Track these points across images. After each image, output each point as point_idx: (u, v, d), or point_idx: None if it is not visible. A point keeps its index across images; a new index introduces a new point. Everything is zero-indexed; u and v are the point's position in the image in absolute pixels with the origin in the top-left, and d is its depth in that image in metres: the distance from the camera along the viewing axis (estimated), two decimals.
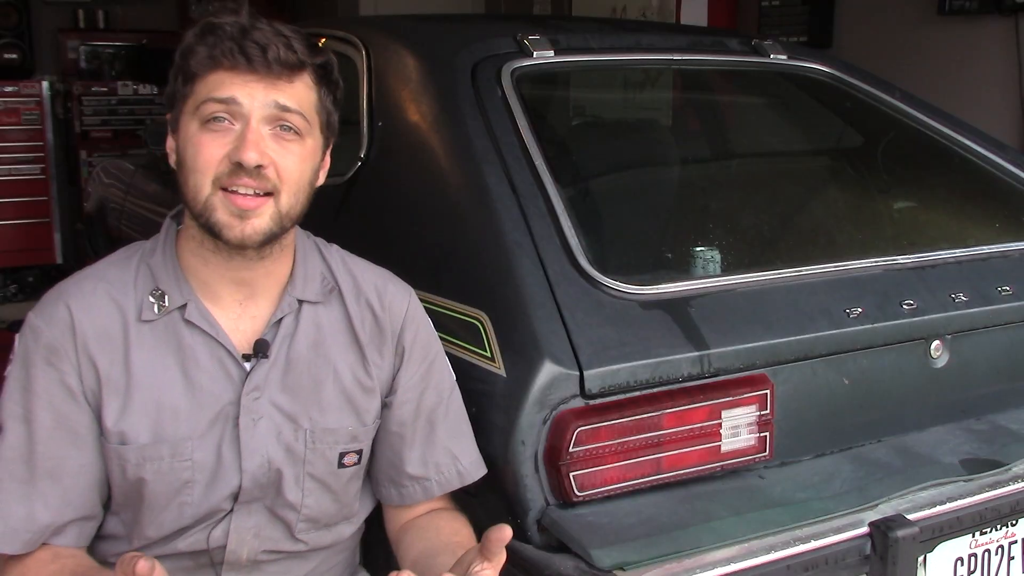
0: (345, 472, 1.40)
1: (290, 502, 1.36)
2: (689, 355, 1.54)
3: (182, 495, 1.30)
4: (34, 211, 5.95)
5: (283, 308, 1.35)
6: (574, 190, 1.90)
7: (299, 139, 1.27)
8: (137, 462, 1.28)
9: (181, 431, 1.29)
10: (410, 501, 1.44)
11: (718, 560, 1.43)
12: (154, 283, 1.32)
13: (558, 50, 2.04)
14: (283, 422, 1.34)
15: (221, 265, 1.31)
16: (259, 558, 1.37)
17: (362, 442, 1.40)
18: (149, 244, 1.37)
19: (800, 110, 2.71)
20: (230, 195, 1.23)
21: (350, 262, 1.45)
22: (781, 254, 2.00)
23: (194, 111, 1.24)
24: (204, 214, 1.24)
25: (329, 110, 1.33)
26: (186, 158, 1.25)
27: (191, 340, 1.31)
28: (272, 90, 1.23)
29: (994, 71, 3.80)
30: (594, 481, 1.48)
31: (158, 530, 1.32)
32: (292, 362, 1.35)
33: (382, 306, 1.41)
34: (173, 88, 1.29)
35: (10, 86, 5.86)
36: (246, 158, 1.21)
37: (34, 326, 1.29)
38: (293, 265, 1.38)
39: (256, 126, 1.23)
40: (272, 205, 1.25)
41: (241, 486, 1.32)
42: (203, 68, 1.24)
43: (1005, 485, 1.68)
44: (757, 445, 1.61)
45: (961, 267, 1.90)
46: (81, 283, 1.32)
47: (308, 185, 1.31)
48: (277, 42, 1.23)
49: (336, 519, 1.43)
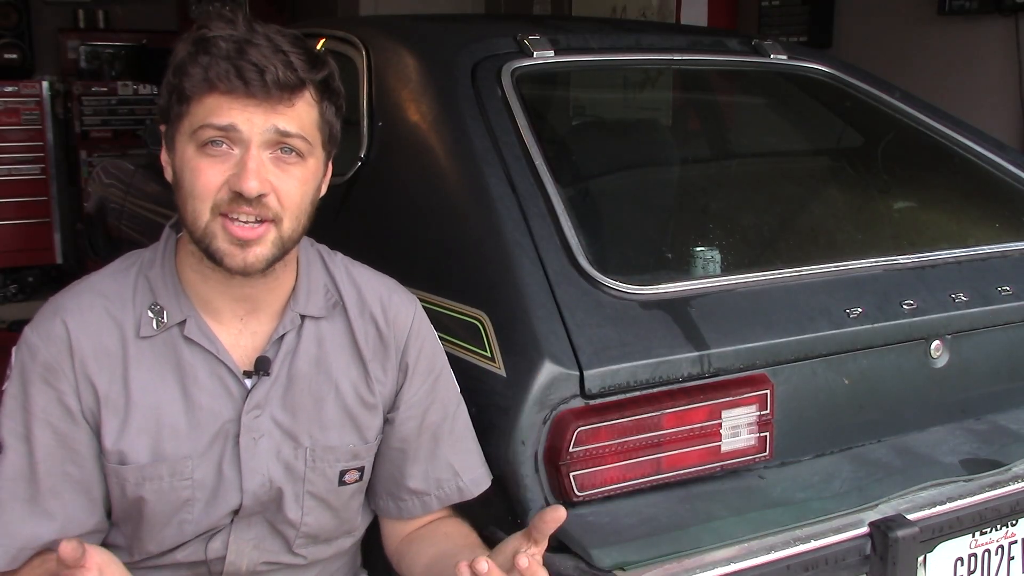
0: (346, 490, 1.38)
1: (290, 519, 1.34)
2: (689, 355, 1.54)
3: (182, 513, 1.29)
4: (34, 211, 5.94)
5: (285, 324, 1.32)
6: (574, 190, 1.90)
7: (301, 161, 1.23)
8: (136, 481, 1.26)
9: (181, 450, 1.27)
10: (408, 516, 1.43)
11: (718, 560, 1.43)
12: (153, 297, 1.29)
13: (558, 50, 2.04)
14: (283, 440, 1.32)
15: (221, 283, 1.28)
16: (258, 569, 1.36)
17: (363, 459, 1.39)
18: (148, 254, 1.34)
19: (800, 110, 2.71)
20: (230, 224, 1.19)
21: (354, 272, 1.41)
22: (781, 254, 2.00)
23: (191, 134, 1.20)
24: (204, 240, 1.21)
25: (331, 123, 1.28)
26: (183, 182, 1.21)
27: (190, 357, 1.28)
28: (272, 115, 1.18)
29: (994, 71, 3.80)
30: (594, 481, 1.48)
31: (158, 546, 1.31)
32: (293, 379, 1.32)
33: (386, 320, 1.38)
34: (167, 104, 1.23)
35: (10, 86, 5.86)
36: (247, 188, 1.17)
37: (31, 343, 1.25)
38: (296, 278, 1.34)
39: (256, 152, 1.18)
40: (274, 231, 1.22)
41: (242, 504, 1.31)
42: (198, 91, 1.18)
43: (1005, 485, 1.68)
44: (757, 445, 1.61)
45: (961, 267, 1.90)
46: (79, 298, 1.28)
47: (310, 205, 1.27)
48: (276, 61, 1.17)
49: (336, 534, 1.42)
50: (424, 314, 1.44)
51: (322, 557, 1.42)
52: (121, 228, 3.54)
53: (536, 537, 1.12)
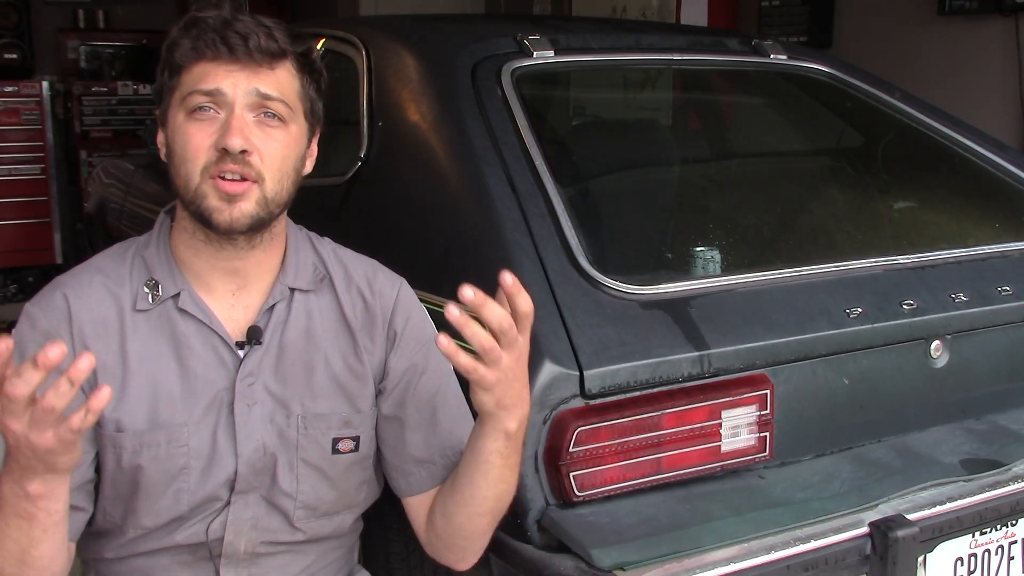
0: (341, 459, 1.40)
1: (285, 490, 1.36)
2: (689, 355, 1.54)
3: (178, 481, 1.31)
4: (34, 211, 5.94)
5: (275, 295, 1.37)
6: (574, 190, 1.90)
7: (283, 125, 1.30)
8: (134, 449, 1.29)
9: (177, 417, 1.31)
10: (419, 489, 1.43)
11: (718, 560, 1.43)
12: (148, 274, 1.35)
13: (558, 50, 2.04)
14: (275, 408, 1.36)
15: (213, 256, 1.33)
16: (257, 550, 1.38)
17: (357, 428, 1.41)
18: (143, 238, 1.41)
19: (800, 110, 2.71)
20: (219, 181, 1.26)
21: (341, 253, 1.47)
22: (781, 254, 2.00)
23: (180, 102, 1.28)
24: (195, 201, 1.28)
25: (312, 98, 1.36)
26: (175, 148, 1.29)
27: (185, 328, 1.33)
28: (254, 78, 1.27)
29: (994, 71, 3.80)
30: (594, 481, 1.48)
31: (154, 519, 1.32)
32: (284, 349, 1.37)
33: (372, 292, 1.43)
34: (160, 82, 1.33)
35: (10, 86, 5.85)
36: (231, 143, 1.24)
37: (30, 314, 1.31)
38: (285, 255, 1.40)
39: (240, 113, 1.26)
40: (257, 190, 1.28)
41: (237, 471, 1.33)
42: (187, 60, 1.28)
43: (1005, 485, 1.68)
44: (757, 445, 1.61)
45: (961, 267, 1.90)
46: (78, 275, 1.35)
47: (293, 171, 1.33)
48: (258, 31, 1.27)
49: (336, 507, 1.43)
50: (410, 289, 1.47)
51: (322, 534, 1.43)
52: (121, 228, 3.54)
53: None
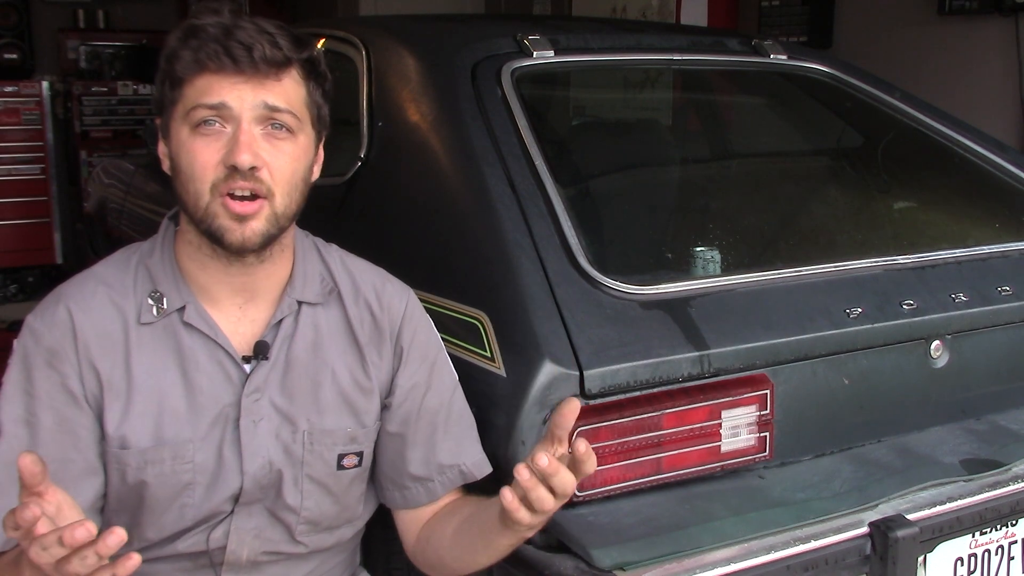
0: (345, 474, 1.39)
1: (289, 505, 1.35)
2: (689, 355, 1.54)
3: (183, 497, 1.30)
4: (34, 211, 5.94)
5: (283, 309, 1.35)
6: (574, 190, 1.90)
7: (291, 137, 1.26)
8: (138, 466, 1.28)
9: (182, 434, 1.29)
10: (414, 503, 1.43)
11: (718, 560, 1.43)
12: (152, 285, 1.31)
13: (558, 50, 2.04)
14: (282, 423, 1.34)
15: (220, 271, 1.30)
16: (259, 559, 1.37)
17: (362, 444, 1.40)
18: (147, 245, 1.37)
19: (800, 110, 2.71)
20: (229, 201, 1.22)
21: (349, 262, 1.44)
22: (781, 254, 2.00)
23: (184, 116, 1.24)
24: (205, 220, 1.24)
25: (319, 104, 1.32)
26: (181, 165, 1.25)
27: (190, 342, 1.30)
28: (260, 90, 1.23)
29: (994, 71, 3.80)
30: (594, 481, 1.48)
31: (158, 532, 1.32)
32: (291, 364, 1.35)
33: (380, 306, 1.41)
34: (161, 93, 1.28)
35: (10, 86, 5.85)
36: (240, 161, 1.20)
37: (34, 329, 1.28)
38: (292, 266, 1.37)
39: (248, 127, 1.22)
40: (267, 207, 1.25)
41: (242, 488, 1.32)
42: (189, 72, 1.23)
43: (1005, 485, 1.68)
44: (757, 445, 1.61)
45: (961, 267, 1.90)
46: (81, 286, 1.32)
47: (302, 183, 1.30)
48: (262, 40, 1.22)
49: (338, 522, 1.42)
50: (418, 302, 1.46)
51: (323, 546, 1.42)
52: (121, 228, 3.54)
53: (558, 435, 1.15)
